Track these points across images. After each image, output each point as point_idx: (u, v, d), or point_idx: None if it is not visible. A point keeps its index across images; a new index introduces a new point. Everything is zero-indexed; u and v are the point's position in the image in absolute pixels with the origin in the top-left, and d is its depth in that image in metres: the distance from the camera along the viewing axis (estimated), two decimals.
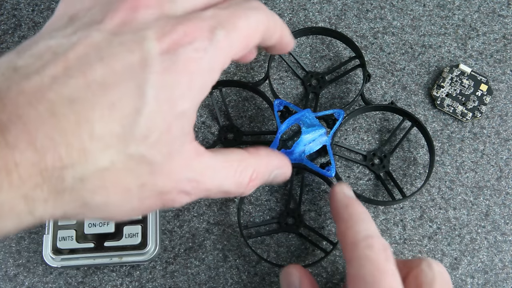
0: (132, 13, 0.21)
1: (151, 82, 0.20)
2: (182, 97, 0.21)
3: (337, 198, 0.30)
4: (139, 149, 0.20)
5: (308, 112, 0.35)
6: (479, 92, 0.39)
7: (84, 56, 0.19)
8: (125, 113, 0.19)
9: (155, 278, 0.35)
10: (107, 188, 0.20)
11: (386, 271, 0.25)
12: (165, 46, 0.20)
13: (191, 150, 0.22)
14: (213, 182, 0.23)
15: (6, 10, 0.41)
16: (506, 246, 0.36)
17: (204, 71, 0.21)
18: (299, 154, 0.34)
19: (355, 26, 0.41)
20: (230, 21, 0.23)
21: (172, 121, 0.20)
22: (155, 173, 0.21)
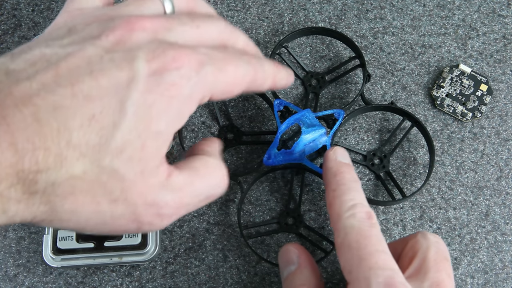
0: (128, 34, 0.22)
1: (133, 99, 0.20)
2: (159, 117, 0.21)
3: (328, 165, 0.30)
4: (112, 163, 0.20)
5: (308, 112, 0.35)
6: (479, 92, 0.39)
7: (75, 68, 0.20)
8: (103, 125, 0.20)
9: (155, 278, 0.35)
10: (76, 196, 0.20)
11: (370, 236, 0.26)
12: (153, 68, 0.21)
13: (164, 172, 0.23)
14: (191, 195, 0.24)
15: (6, 10, 0.41)
16: (506, 246, 0.36)
17: (183, 98, 0.22)
18: (299, 154, 0.34)
19: (355, 26, 0.41)
20: (220, 63, 0.24)
21: (147, 139, 0.21)
22: (127, 191, 0.21)
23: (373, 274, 0.24)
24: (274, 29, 0.41)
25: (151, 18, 0.23)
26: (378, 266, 0.24)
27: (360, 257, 0.25)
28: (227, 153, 0.38)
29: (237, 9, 0.41)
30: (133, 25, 0.22)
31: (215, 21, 0.25)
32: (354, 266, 0.25)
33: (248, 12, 0.41)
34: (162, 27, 0.23)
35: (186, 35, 0.24)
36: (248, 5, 0.41)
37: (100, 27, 0.22)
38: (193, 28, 0.24)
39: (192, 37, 0.24)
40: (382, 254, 0.25)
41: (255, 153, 0.38)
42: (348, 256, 0.25)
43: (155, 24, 0.23)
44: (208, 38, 0.25)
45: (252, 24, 0.41)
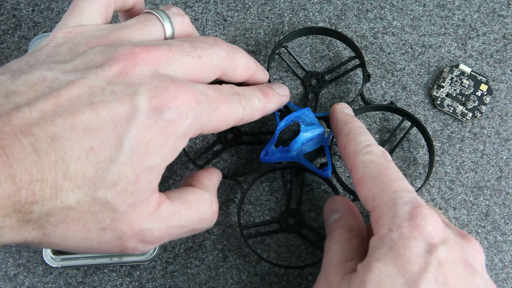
0: (130, 66, 0.22)
1: (131, 135, 0.21)
2: (155, 153, 0.22)
3: (337, 116, 0.32)
4: (106, 195, 0.21)
5: (308, 111, 0.35)
6: (479, 92, 0.39)
7: (76, 97, 0.20)
8: (100, 159, 0.20)
9: (155, 278, 0.35)
10: (68, 224, 0.21)
11: (389, 167, 0.27)
12: (154, 104, 0.21)
13: (154, 202, 0.23)
14: (178, 226, 0.24)
15: (6, 10, 0.41)
16: (506, 246, 0.36)
17: (179, 135, 0.23)
18: (296, 153, 0.34)
19: (355, 26, 0.41)
20: (215, 102, 0.24)
21: (141, 174, 0.21)
22: (117, 220, 0.22)
23: (398, 195, 0.25)
24: (274, 29, 0.41)
25: (154, 50, 0.23)
26: (401, 189, 0.25)
27: (383, 184, 0.26)
28: (227, 153, 0.38)
29: (237, 9, 0.41)
30: (137, 57, 0.22)
31: (216, 49, 0.26)
32: (377, 193, 0.25)
33: (248, 12, 0.41)
34: (164, 59, 0.23)
35: (187, 67, 0.24)
36: (248, 5, 0.41)
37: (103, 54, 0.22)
38: (194, 59, 0.24)
39: (193, 68, 0.24)
40: (403, 181, 0.26)
41: (255, 153, 0.38)
42: (371, 185, 0.26)
43: (158, 57, 0.23)
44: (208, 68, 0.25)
45: (252, 24, 0.41)
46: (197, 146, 0.38)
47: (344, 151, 0.29)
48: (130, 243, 0.23)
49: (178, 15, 0.26)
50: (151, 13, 0.26)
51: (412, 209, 0.24)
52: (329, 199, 0.32)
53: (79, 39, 0.23)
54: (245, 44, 0.40)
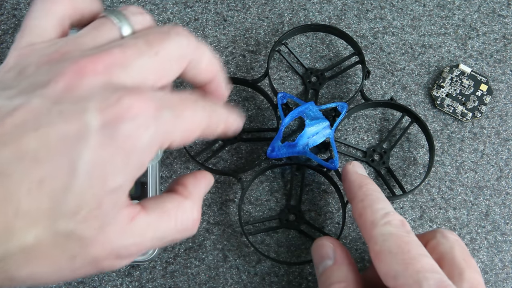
0: (78, 79, 0.20)
1: (84, 158, 0.19)
2: (116, 173, 0.20)
3: (350, 178, 0.30)
4: (67, 226, 0.19)
5: (311, 105, 0.35)
6: (479, 92, 0.39)
7: (22, 123, 0.18)
8: (54, 189, 0.18)
9: (155, 278, 0.35)
10: (31, 262, 0.19)
11: (410, 241, 0.25)
12: (106, 119, 0.19)
13: (125, 218, 0.21)
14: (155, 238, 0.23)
15: (6, 10, 0.41)
16: (506, 246, 0.36)
17: (141, 149, 0.20)
18: (302, 147, 0.34)
19: (355, 26, 0.41)
20: (178, 108, 0.22)
21: (103, 197, 0.20)
22: (86, 246, 0.20)
23: (423, 277, 0.23)
24: (274, 29, 0.41)
25: (104, 57, 0.21)
26: (426, 269, 0.24)
27: (405, 262, 0.24)
28: (227, 152, 0.38)
29: (237, 9, 0.41)
30: (84, 69, 0.20)
31: (174, 37, 0.23)
32: (399, 271, 0.24)
33: (248, 12, 0.41)
34: (117, 64, 0.21)
35: (144, 69, 0.22)
36: (248, 5, 0.41)
37: (49, 70, 0.20)
38: (151, 57, 0.22)
39: (153, 68, 0.22)
40: (426, 258, 0.25)
41: (255, 153, 0.38)
42: (391, 261, 0.25)
43: (109, 63, 0.21)
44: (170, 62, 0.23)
45: (252, 24, 0.41)
46: (197, 145, 0.38)
47: (360, 219, 0.28)
48: (105, 262, 0.21)
49: (137, 14, 0.24)
50: (106, 17, 0.23)
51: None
52: (316, 242, 0.30)
53: (29, 60, 0.21)
54: (245, 44, 0.40)
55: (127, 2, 0.41)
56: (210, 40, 0.40)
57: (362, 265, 0.36)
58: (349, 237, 0.36)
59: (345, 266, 0.28)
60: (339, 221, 0.36)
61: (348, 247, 0.36)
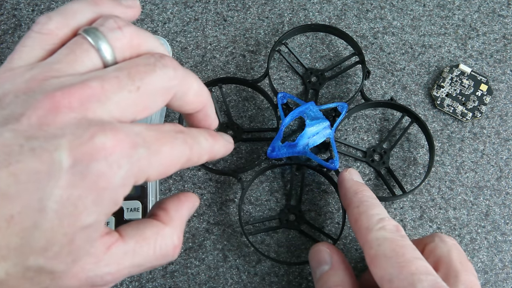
0: (51, 115, 0.19)
1: (53, 197, 0.18)
2: (87, 212, 0.19)
3: (346, 185, 0.31)
4: (38, 261, 0.19)
5: (312, 105, 0.35)
6: (479, 92, 0.39)
7: None
8: (23, 227, 0.18)
9: (155, 278, 0.35)
10: None
11: (405, 245, 0.26)
12: (77, 157, 0.19)
13: (101, 247, 0.21)
14: (132, 266, 0.22)
15: (6, 10, 0.41)
16: (506, 246, 0.36)
17: (115, 187, 0.20)
18: (303, 147, 0.34)
19: (355, 26, 0.41)
20: (155, 144, 0.21)
21: (75, 234, 0.19)
22: (58, 278, 0.20)
23: (417, 279, 0.24)
24: (274, 29, 0.41)
25: (80, 91, 0.20)
26: (420, 271, 0.24)
27: (400, 265, 0.25)
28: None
29: (237, 9, 0.41)
30: (59, 103, 0.19)
31: (160, 69, 0.22)
32: (394, 274, 0.24)
33: (248, 12, 0.41)
34: (93, 98, 0.20)
35: (124, 104, 0.21)
36: (248, 5, 0.41)
37: (25, 102, 0.19)
38: (131, 93, 0.21)
39: (132, 103, 0.21)
40: (420, 261, 0.25)
41: (255, 153, 0.38)
42: (386, 265, 0.25)
43: (85, 97, 0.20)
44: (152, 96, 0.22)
45: (252, 24, 0.41)
46: None
47: (355, 225, 0.28)
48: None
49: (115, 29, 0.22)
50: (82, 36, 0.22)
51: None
52: (313, 248, 0.31)
53: (7, 87, 0.21)
54: (245, 44, 0.40)
55: None
56: (210, 40, 0.40)
57: (362, 265, 0.36)
58: (349, 237, 0.36)
59: (342, 270, 0.29)
60: (339, 221, 0.36)
61: (348, 247, 0.36)
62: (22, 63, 0.22)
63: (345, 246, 0.36)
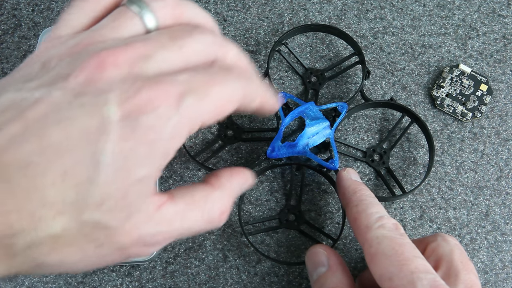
0: (98, 72, 0.20)
1: (106, 150, 0.19)
2: (140, 165, 0.20)
3: (345, 184, 0.31)
4: (93, 216, 0.19)
5: (312, 105, 0.35)
6: (479, 92, 0.39)
7: (43, 117, 0.19)
8: (78, 181, 0.18)
9: (155, 278, 0.35)
10: (59, 250, 0.19)
11: (404, 244, 0.26)
12: (126, 111, 0.19)
13: (151, 205, 0.21)
14: (182, 228, 0.23)
15: (6, 10, 0.41)
16: (506, 246, 0.36)
17: (165, 139, 0.20)
18: (302, 147, 0.34)
19: (355, 26, 0.41)
20: (203, 88, 0.21)
21: (128, 188, 0.20)
22: (112, 235, 0.20)
23: (417, 277, 0.24)
24: (274, 29, 0.41)
25: (125, 50, 0.20)
26: (419, 270, 0.24)
27: (399, 263, 0.25)
28: (227, 152, 0.38)
29: (237, 9, 0.41)
30: (104, 61, 0.20)
31: (201, 35, 0.23)
32: (394, 273, 0.25)
33: (248, 12, 0.41)
34: (138, 56, 0.21)
35: (167, 62, 0.21)
36: (248, 5, 0.41)
37: (70, 63, 0.20)
38: (174, 51, 0.22)
39: (174, 62, 0.22)
40: (420, 260, 0.25)
41: (255, 153, 0.38)
42: (386, 263, 0.25)
43: (130, 55, 0.20)
44: (193, 59, 0.22)
45: (252, 24, 0.41)
46: (197, 145, 0.38)
47: (354, 223, 0.28)
48: (132, 249, 0.21)
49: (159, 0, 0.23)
50: (126, 6, 0.23)
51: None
52: (309, 250, 0.31)
53: (53, 52, 0.21)
54: (245, 44, 0.40)
55: None
56: None
57: (362, 265, 0.36)
58: (349, 237, 0.36)
59: (339, 272, 0.29)
60: (339, 221, 0.36)
61: (348, 247, 0.36)
62: (68, 31, 0.23)
63: (345, 246, 0.36)
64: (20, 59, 0.39)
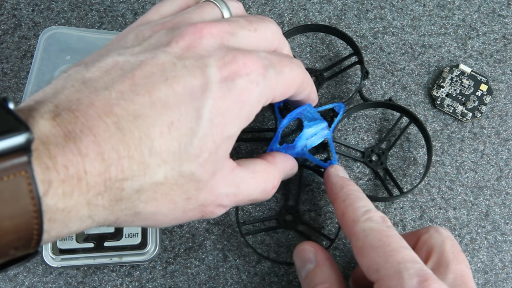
0: (197, 39, 0.23)
1: (208, 106, 0.21)
2: (232, 123, 0.22)
3: (332, 180, 0.31)
4: (190, 167, 0.21)
5: (309, 107, 0.35)
6: (479, 92, 0.39)
7: (150, 75, 0.21)
8: (182, 133, 0.21)
9: (155, 278, 0.35)
10: (157, 199, 0.21)
11: (391, 235, 0.26)
12: (225, 74, 0.22)
13: (229, 167, 0.24)
14: (245, 193, 0.26)
15: (6, 10, 0.41)
16: (506, 246, 0.36)
17: (253, 102, 0.23)
18: (301, 148, 0.34)
19: (355, 26, 0.41)
20: (279, 65, 0.25)
21: (220, 143, 0.22)
22: (200, 189, 0.23)
23: (403, 267, 0.24)
24: None
25: (216, 24, 0.24)
26: (406, 260, 0.24)
27: (386, 254, 0.25)
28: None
29: None
30: (201, 30, 0.23)
31: (268, 23, 0.27)
32: (381, 264, 0.25)
33: (248, 12, 0.41)
34: (226, 32, 0.24)
35: (247, 40, 0.25)
36: (248, 5, 0.41)
37: (168, 34, 0.23)
38: (251, 32, 0.25)
39: (252, 40, 0.25)
40: (407, 250, 0.25)
41: (255, 153, 0.38)
42: (373, 255, 0.25)
43: (220, 29, 0.23)
44: (264, 41, 0.26)
45: None
46: None
47: (342, 218, 0.29)
48: (210, 207, 0.24)
49: (233, 1, 0.28)
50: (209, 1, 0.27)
51: (420, 283, 0.23)
52: (297, 248, 0.31)
53: (143, 27, 0.24)
54: None
55: (129, 1, 0.41)
56: None
57: None
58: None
59: (327, 267, 0.29)
60: None
61: (348, 247, 0.36)
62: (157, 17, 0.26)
63: (345, 246, 0.36)
64: (20, 59, 0.39)
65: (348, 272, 0.35)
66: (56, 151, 0.18)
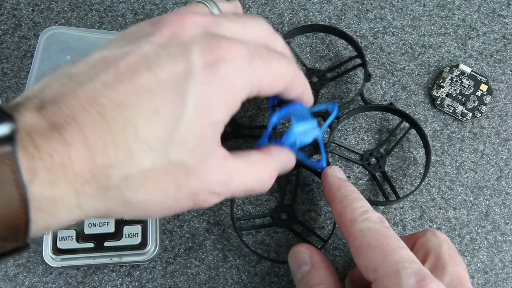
0: (180, 28, 0.23)
1: (192, 92, 0.21)
2: (217, 108, 0.22)
3: (330, 180, 0.31)
4: (178, 154, 0.21)
5: (300, 106, 0.34)
6: (479, 92, 0.39)
7: (134, 65, 0.21)
8: (167, 119, 0.21)
9: (155, 278, 0.35)
10: (147, 187, 0.21)
11: (389, 235, 0.26)
12: (209, 60, 0.22)
13: (220, 155, 0.24)
14: (239, 182, 0.25)
15: (6, 10, 0.41)
16: (506, 246, 0.36)
17: (237, 89, 0.23)
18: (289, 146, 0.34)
19: (355, 26, 0.41)
20: (267, 57, 0.25)
21: (207, 129, 0.22)
22: (190, 176, 0.22)
23: (401, 266, 0.24)
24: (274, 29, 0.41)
25: (200, 15, 0.24)
26: (404, 259, 0.24)
27: (384, 254, 0.25)
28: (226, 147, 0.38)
29: None
30: (185, 20, 0.23)
31: (259, 21, 0.27)
32: (379, 263, 0.25)
33: (248, 12, 0.41)
34: (211, 22, 0.24)
35: (233, 31, 0.25)
36: (248, 5, 0.41)
37: (152, 25, 0.23)
38: (239, 26, 0.25)
39: (239, 33, 0.25)
40: (405, 250, 0.25)
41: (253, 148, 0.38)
42: (371, 255, 0.25)
43: (205, 19, 0.24)
44: (252, 36, 0.26)
45: None
46: None
47: (339, 218, 0.28)
48: (202, 195, 0.24)
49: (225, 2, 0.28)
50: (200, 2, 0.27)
51: (417, 282, 0.23)
52: (292, 250, 0.31)
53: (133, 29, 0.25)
54: None
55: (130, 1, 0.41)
56: None
57: None
58: None
59: (323, 269, 0.29)
60: None
61: (347, 247, 0.36)
62: None
63: (345, 246, 0.36)
64: (20, 59, 0.39)
65: (348, 272, 0.35)
66: (40, 140, 0.18)
